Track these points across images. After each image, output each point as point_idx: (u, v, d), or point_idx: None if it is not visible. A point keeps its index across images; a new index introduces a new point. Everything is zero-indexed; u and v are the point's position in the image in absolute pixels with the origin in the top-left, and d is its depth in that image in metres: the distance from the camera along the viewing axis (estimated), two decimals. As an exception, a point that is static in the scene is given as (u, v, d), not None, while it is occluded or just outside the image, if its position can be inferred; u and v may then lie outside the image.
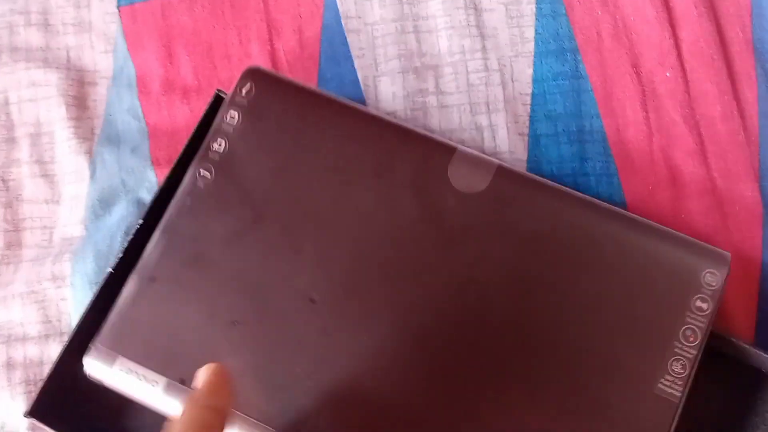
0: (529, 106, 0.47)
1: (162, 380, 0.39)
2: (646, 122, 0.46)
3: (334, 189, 0.41)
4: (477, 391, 0.38)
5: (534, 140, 0.46)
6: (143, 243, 0.41)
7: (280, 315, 0.40)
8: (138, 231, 0.42)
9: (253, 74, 0.43)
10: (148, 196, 0.47)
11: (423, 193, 0.41)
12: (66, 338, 0.42)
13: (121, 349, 0.39)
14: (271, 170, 0.41)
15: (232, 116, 0.42)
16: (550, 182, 0.41)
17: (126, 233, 0.45)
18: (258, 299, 0.40)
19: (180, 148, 0.43)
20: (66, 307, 0.46)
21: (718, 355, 0.42)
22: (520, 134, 0.47)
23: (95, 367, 0.39)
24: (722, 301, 0.38)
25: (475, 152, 0.42)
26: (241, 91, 0.42)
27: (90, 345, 0.39)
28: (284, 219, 0.41)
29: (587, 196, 0.41)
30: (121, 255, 0.42)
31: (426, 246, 0.40)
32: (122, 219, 0.46)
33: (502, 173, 0.41)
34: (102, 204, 0.47)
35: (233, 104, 0.42)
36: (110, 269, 0.42)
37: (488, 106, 0.47)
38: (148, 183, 0.47)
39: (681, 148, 0.45)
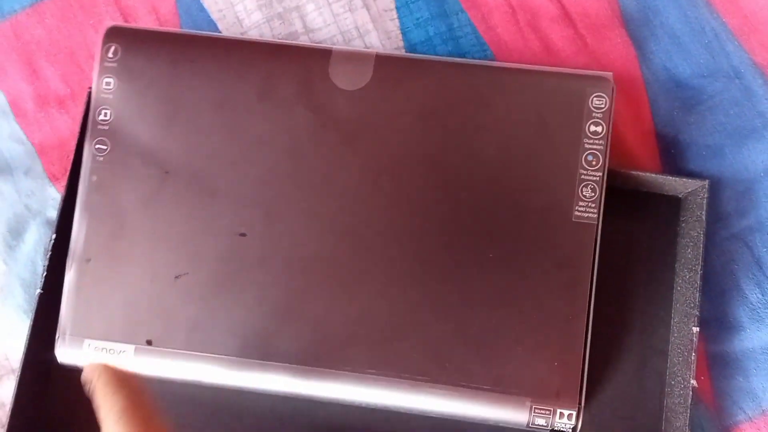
0: (397, 20, 0.48)
1: (130, 348, 0.40)
2: (507, 2, 0.47)
3: (228, 123, 0.42)
4: (412, 276, 0.40)
5: (411, 50, 0.48)
6: (63, 256, 0.41)
7: (216, 257, 0.41)
8: (54, 246, 0.42)
9: (115, 34, 0.43)
10: (56, 213, 0.46)
11: (312, 102, 0.42)
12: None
13: (84, 332, 0.41)
14: (163, 123, 0.42)
15: (107, 83, 0.42)
16: (429, 57, 0.43)
17: (45, 254, 0.45)
18: (191, 248, 0.41)
19: (72, 156, 0.43)
20: (10, 343, 0.45)
21: (636, 194, 0.45)
22: (396, 49, 0.48)
23: (66, 355, 0.41)
24: (613, 121, 0.41)
25: (351, 48, 0.43)
26: (107, 54, 0.42)
27: (56, 336, 0.41)
28: (190, 166, 0.42)
29: (467, 60, 0.43)
30: (45, 273, 0.41)
31: (330, 151, 0.41)
32: (38, 243, 0.46)
33: (382, 61, 0.42)
34: (12, 234, 0.46)
35: (104, 71, 0.42)
36: (39, 290, 0.41)
37: (359, 31, 0.48)
38: (52, 200, 0.47)
39: (545, 17, 0.47)
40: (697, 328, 0.41)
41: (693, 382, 0.40)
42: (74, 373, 0.41)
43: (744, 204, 0.45)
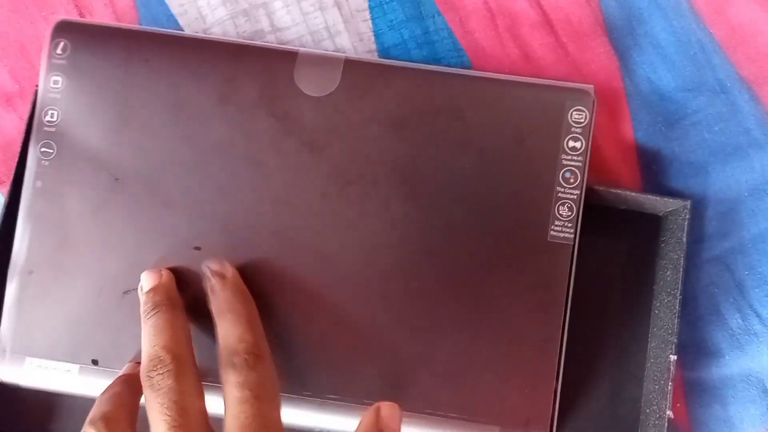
0: (370, 21, 0.45)
1: (74, 367, 0.38)
2: (486, 6, 0.45)
3: (184, 127, 0.39)
4: (376, 296, 0.38)
5: (384, 54, 0.45)
6: (5, 267, 0.39)
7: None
8: (-6, 256, 0.39)
9: (64, 29, 0.40)
10: (-2, 218, 0.43)
11: (275, 108, 0.39)
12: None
13: (25, 350, 0.38)
14: (114, 126, 0.39)
15: (55, 81, 0.39)
16: (401, 63, 0.40)
17: (-15, 263, 0.42)
18: (141, 263, 0.38)
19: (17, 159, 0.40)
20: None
21: (614, 212, 0.43)
22: (368, 52, 0.45)
23: (6, 373, 0.38)
24: (593, 137, 0.39)
25: (318, 51, 0.40)
26: (56, 50, 0.39)
27: None
28: (142, 173, 0.39)
29: (441, 67, 0.40)
30: (-17, 286, 0.39)
31: (294, 161, 0.39)
32: (-22, 250, 0.43)
33: (351, 66, 0.39)
34: (-49, 240, 0.43)
35: (52, 68, 0.39)
36: (-25, 304, 0.39)
37: (329, 31, 0.45)
38: (-5, 205, 0.44)
39: (525, 23, 0.45)
40: (675, 357, 0.39)
41: (669, 413, 0.39)
42: (14, 392, 0.39)
43: (726, 225, 0.43)
